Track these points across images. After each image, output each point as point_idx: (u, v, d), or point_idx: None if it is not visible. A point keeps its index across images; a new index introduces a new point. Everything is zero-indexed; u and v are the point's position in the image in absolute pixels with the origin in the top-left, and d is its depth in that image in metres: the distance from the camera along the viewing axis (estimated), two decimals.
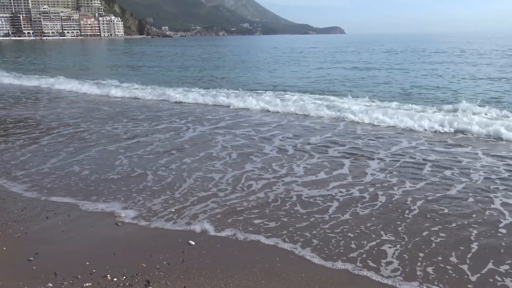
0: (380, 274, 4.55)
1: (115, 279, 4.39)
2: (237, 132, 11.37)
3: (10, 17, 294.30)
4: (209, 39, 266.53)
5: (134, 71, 32.81)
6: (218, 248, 5.11)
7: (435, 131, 11.09)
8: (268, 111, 14.53)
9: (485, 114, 12.39)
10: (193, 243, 5.23)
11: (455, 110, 13.00)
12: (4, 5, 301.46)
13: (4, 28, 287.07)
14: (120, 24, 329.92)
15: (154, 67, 36.54)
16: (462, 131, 10.87)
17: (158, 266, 4.66)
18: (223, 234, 5.48)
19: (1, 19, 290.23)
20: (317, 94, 17.65)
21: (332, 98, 16.17)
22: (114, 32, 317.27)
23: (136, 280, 4.39)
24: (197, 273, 4.55)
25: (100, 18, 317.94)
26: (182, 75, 29.11)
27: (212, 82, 23.36)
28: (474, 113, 12.40)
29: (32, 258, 4.80)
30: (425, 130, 11.19)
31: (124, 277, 4.43)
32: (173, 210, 6.23)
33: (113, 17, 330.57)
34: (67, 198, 6.72)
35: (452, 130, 10.96)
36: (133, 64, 40.78)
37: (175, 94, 17.82)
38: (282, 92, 18.41)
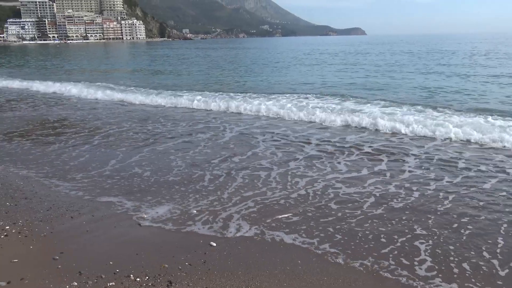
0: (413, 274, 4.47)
1: (138, 279, 4.44)
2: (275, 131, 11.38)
3: (36, 21, 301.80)
4: (229, 41, 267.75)
5: (164, 77, 33.14)
6: (239, 250, 5.11)
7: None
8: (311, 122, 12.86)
9: None
10: (215, 244, 5.24)
11: None
12: (30, 10, 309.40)
13: (30, 32, 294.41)
14: (142, 27, 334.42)
15: (179, 72, 36.86)
16: None
17: (180, 267, 4.69)
18: (245, 235, 5.48)
19: (28, 24, 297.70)
20: (388, 107, 14.51)
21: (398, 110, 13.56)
22: (136, 35, 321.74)
23: (159, 280, 4.42)
24: (219, 274, 4.56)
25: (123, 22, 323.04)
26: (208, 79, 29.03)
27: (243, 87, 22.85)
28: None
29: (57, 257, 4.89)
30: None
31: (147, 277, 4.47)
32: (207, 211, 6.27)
33: (135, 20, 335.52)
34: (117, 198, 6.83)
35: None
36: (163, 69, 41.24)
37: (200, 103, 16.29)
38: (328, 97, 16.96)
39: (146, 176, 7.98)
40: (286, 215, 6.09)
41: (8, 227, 5.63)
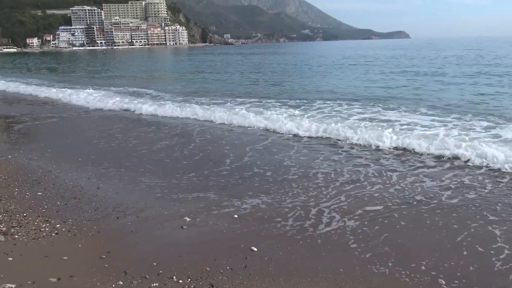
0: None
1: (181, 281, 4.50)
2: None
3: (85, 28, 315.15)
4: (269, 45, 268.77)
5: (212, 84, 33.69)
6: (281, 255, 5.09)
7: None
8: None
9: None
10: (256, 249, 5.24)
11: None
12: (80, 18, 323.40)
13: (80, 39, 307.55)
14: (185, 33, 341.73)
15: (222, 77, 37.36)
16: None
17: (221, 271, 4.72)
18: (287, 240, 5.45)
19: (78, 31, 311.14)
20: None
21: None
22: (179, 40, 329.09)
23: (201, 283, 4.47)
24: (260, 280, 4.55)
25: (166, 28, 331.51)
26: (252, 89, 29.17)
27: (297, 94, 22.73)
28: None
29: (104, 256, 5.05)
30: None
31: (189, 280, 4.53)
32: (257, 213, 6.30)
33: (178, 26, 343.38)
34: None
35: None
36: (206, 73, 41.89)
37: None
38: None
39: (185, 183, 8.10)
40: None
41: (58, 225, 5.88)
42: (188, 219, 6.20)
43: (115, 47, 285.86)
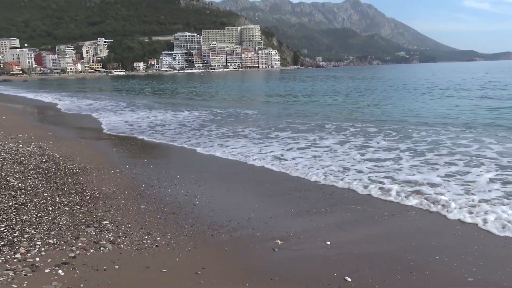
0: None
1: None
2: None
3: (185, 53, 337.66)
4: (362, 68, 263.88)
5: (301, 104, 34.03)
6: None
7: None
8: None
9: None
10: (349, 279, 5.04)
11: None
12: (181, 43, 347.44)
13: (180, 63, 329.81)
14: (277, 56, 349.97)
15: (316, 100, 37.47)
16: None
17: None
18: (384, 272, 5.17)
19: (178, 55, 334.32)
20: None
21: None
22: (271, 63, 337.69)
23: None
24: None
25: (259, 51, 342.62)
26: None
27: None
28: None
29: (200, 272, 5.21)
30: None
31: None
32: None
33: (271, 50, 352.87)
34: None
35: None
36: (298, 96, 42.38)
37: None
38: None
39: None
40: None
41: (158, 238, 6.21)
42: (280, 242, 6.19)
43: (211, 70, 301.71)
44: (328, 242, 6.15)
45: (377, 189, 8.70)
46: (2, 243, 5.62)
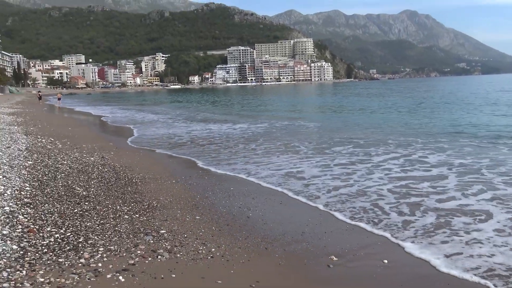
0: None
1: None
2: None
3: (238, 66, 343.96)
4: (419, 80, 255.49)
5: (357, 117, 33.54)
6: None
7: None
8: None
9: None
10: None
11: None
12: (235, 57, 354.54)
13: (233, 76, 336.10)
14: (330, 69, 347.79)
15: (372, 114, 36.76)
16: None
17: None
18: None
19: (232, 69, 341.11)
20: None
21: None
22: (324, 76, 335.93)
23: None
24: None
25: (312, 64, 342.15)
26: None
27: None
28: None
29: (254, 285, 5.20)
30: None
31: None
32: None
33: (324, 62, 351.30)
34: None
35: None
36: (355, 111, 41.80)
37: None
38: None
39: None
40: None
41: (213, 249, 6.29)
42: (335, 258, 6.06)
43: (263, 83, 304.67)
44: (386, 261, 5.95)
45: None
46: (68, 247, 5.93)
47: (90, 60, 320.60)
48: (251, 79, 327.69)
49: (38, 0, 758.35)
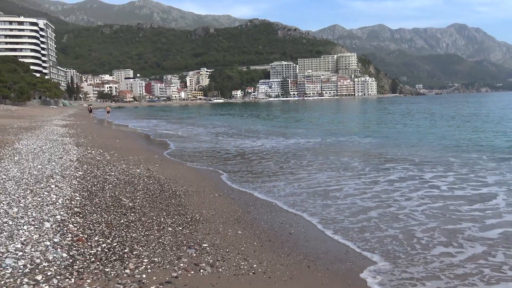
0: None
1: None
2: None
3: (281, 81, 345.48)
4: (469, 96, 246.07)
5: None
6: None
7: None
8: None
9: None
10: None
11: None
12: (278, 72, 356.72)
13: (275, 91, 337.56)
14: (374, 83, 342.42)
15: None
16: None
17: None
18: None
19: (274, 83, 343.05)
20: None
21: None
22: (367, 91, 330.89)
23: None
24: None
25: (355, 79, 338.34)
26: None
27: None
28: None
29: None
30: None
31: None
32: None
33: (368, 77, 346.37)
34: None
35: None
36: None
37: None
38: None
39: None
40: None
41: (255, 265, 6.24)
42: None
43: (305, 98, 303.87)
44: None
45: None
46: (114, 257, 6.07)
47: (138, 74, 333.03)
48: (294, 94, 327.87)
49: (92, 18, 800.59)
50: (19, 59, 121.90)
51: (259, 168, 15.75)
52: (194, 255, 6.45)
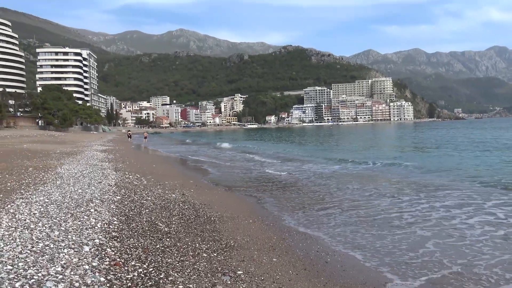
0: None
1: None
2: None
3: (315, 106, 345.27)
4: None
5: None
6: None
7: None
8: None
9: None
10: None
11: None
12: (311, 97, 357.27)
13: (309, 116, 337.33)
14: (410, 108, 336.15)
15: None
16: None
17: None
18: None
19: (308, 109, 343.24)
20: None
21: None
22: (404, 116, 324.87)
23: None
24: None
25: (391, 104, 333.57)
26: None
27: None
28: None
29: None
30: None
31: None
32: None
33: (403, 102, 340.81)
34: None
35: None
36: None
37: None
38: None
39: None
40: None
41: None
42: None
43: (340, 123, 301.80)
44: None
45: None
46: (150, 283, 6.09)
47: (174, 101, 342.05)
48: (328, 119, 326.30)
49: (132, 48, 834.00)
50: (64, 87, 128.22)
51: (294, 194, 15.60)
52: (229, 282, 6.39)
